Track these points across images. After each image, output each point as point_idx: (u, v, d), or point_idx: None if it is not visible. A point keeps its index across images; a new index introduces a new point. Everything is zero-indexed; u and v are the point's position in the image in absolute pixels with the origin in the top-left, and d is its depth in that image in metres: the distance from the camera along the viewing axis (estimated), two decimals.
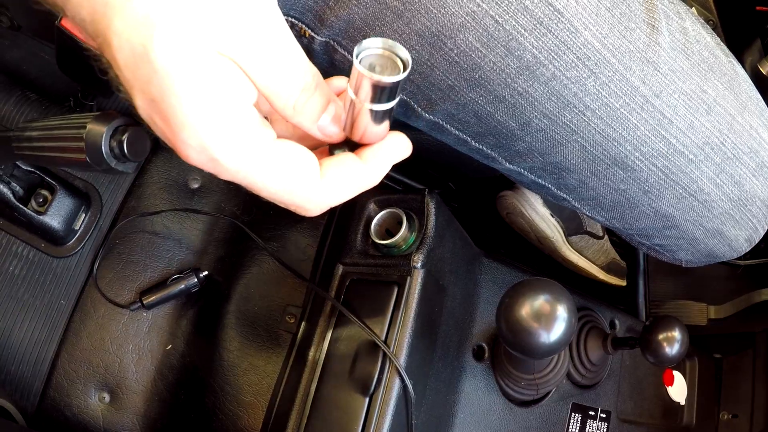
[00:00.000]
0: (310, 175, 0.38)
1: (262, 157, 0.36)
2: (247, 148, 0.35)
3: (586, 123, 0.53)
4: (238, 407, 0.76)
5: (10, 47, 0.86)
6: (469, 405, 0.68)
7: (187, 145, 0.35)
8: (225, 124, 0.34)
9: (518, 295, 0.53)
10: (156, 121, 0.35)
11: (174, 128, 0.34)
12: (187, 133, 0.34)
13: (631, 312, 1.11)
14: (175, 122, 0.34)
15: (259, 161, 0.36)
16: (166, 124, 0.34)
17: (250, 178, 0.36)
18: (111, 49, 0.33)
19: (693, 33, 0.56)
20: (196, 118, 0.34)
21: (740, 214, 0.63)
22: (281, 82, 0.36)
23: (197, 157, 0.35)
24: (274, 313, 0.79)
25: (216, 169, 0.36)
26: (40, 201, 0.74)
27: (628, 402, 0.86)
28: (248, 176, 0.36)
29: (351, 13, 0.48)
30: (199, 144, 0.34)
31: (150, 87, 0.33)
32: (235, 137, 0.35)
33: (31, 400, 0.75)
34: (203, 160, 0.35)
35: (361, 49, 0.35)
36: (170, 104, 0.33)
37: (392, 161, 0.41)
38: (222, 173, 0.36)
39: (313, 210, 0.39)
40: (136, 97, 0.35)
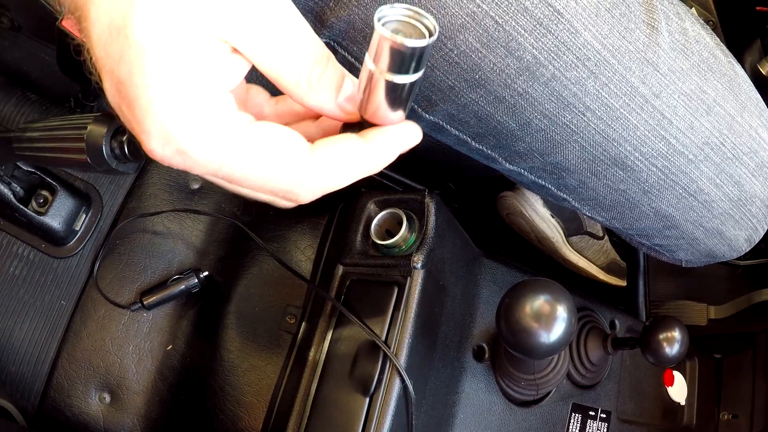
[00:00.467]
0: (296, 154, 0.33)
1: (237, 142, 0.31)
2: (220, 135, 0.31)
3: (585, 123, 0.53)
4: (238, 408, 0.76)
5: (10, 48, 0.86)
6: (469, 405, 0.69)
7: (150, 135, 0.31)
8: (193, 111, 0.30)
9: (518, 296, 0.53)
10: (122, 108, 0.31)
11: (137, 114, 0.30)
12: (150, 120, 0.30)
13: (631, 312, 1.11)
14: (138, 107, 0.30)
15: (235, 147, 0.31)
16: (130, 110, 0.31)
17: (227, 168, 0.32)
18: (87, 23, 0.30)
19: (693, 33, 0.56)
20: (160, 103, 0.30)
21: (740, 214, 0.63)
22: (290, 57, 0.32)
23: (162, 150, 0.31)
24: (275, 314, 0.79)
25: (186, 163, 0.32)
26: (41, 201, 0.74)
27: (628, 402, 0.86)
28: (224, 166, 0.32)
29: (351, 14, 0.48)
30: (163, 134, 0.30)
31: (120, 65, 0.30)
32: (205, 125, 0.31)
33: (32, 401, 0.75)
34: (169, 153, 0.31)
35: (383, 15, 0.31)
36: (136, 85, 0.29)
37: (400, 148, 0.37)
38: (194, 167, 0.32)
39: (304, 194, 0.34)
40: (105, 79, 0.31)
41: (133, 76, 0.29)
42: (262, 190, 0.34)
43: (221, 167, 0.32)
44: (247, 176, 0.32)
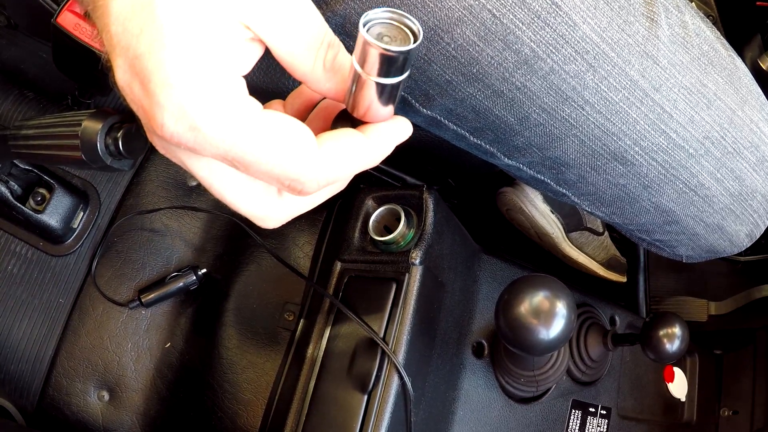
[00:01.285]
0: (305, 145, 0.33)
1: (251, 124, 0.31)
2: (235, 115, 0.31)
3: (584, 117, 0.53)
4: (237, 405, 0.76)
5: (7, 46, 0.86)
6: (468, 402, 0.68)
7: (164, 108, 0.30)
8: (211, 88, 0.30)
9: (517, 292, 0.53)
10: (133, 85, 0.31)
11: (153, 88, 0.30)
12: (168, 93, 0.30)
13: (632, 308, 1.11)
14: (156, 80, 0.30)
15: (249, 129, 0.31)
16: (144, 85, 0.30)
17: (237, 149, 0.31)
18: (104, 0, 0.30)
19: (692, 26, 0.56)
20: (179, 78, 0.30)
21: (741, 209, 0.63)
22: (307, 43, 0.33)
23: (174, 125, 0.31)
24: (273, 311, 0.79)
25: (196, 140, 0.31)
26: (38, 200, 0.74)
27: (628, 399, 0.86)
28: (235, 147, 0.31)
29: (348, 8, 0.48)
30: (179, 107, 0.30)
31: (139, 39, 0.30)
32: (221, 103, 0.31)
33: (31, 399, 0.75)
34: (181, 128, 0.31)
35: (368, 19, 0.32)
36: (155, 59, 0.30)
37: (396, 140, 0.37)
38: (203, 145, 0.31)
39: (310, 185, 0.34)
40: (119, 55, 0.31)
41: (153, 50, 0.30)
42: (270, 175, 0.33)
43: (232, 147, 0.31)
44: (258, 160, 0.32)
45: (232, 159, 0.32)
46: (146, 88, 0.30)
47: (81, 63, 0.64)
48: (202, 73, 0.30)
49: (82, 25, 0.61)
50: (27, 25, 0.80)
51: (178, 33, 0.29)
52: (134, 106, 0.32)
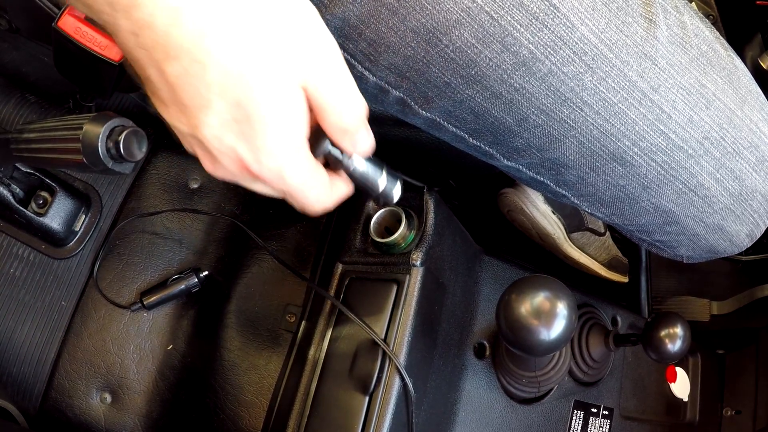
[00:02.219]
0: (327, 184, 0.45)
1: (313, 173, 0.43)
2: (307, 165, 0.42)
3: (583, 118, 0.53)
4: (239, 407, 0.76)
5: (8, 50, 0.86)
6: (470, 403, 0.68)
7: (266, 167, 0.40)
8: (298, 149, 0.41)
9: (518, 293, 0.53)
10: (231, 140, 0.39)
11: (257, 150, 0.39)
12: (269, 156, 0.40)
13: (633, 308, 1.11)
14: (258, 144, 0.39)
15: (312, 177, 0.43)
16: (249, 144, 0.39)
17: (303, 191, 0.43)
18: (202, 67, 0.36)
19: (691, 27, 0.56)
20: (278, 145, 0.39)
21: (741, 209, 0.63)
22: (349, 111, 0.42)
23: (268, 174, 0.41)
24: (275, 313, 0.79)
25: (278, 181, 0.42)
26: (40, 203, 0.74)
27: (630, 399, 0.86)
28: (303, 188, 0.43)
29: (346, 10, 0.48)
30: (278, 165, 0.40)
31: (238, 110, 0.37)
32: (302, 158, 0.41)
33: (33, 402, 0.75)
34: (272, 177, 0.41)
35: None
36: (257, 130, 0.38)
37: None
38: (278, 185, 0.42)
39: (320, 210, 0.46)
40: (212, 115, 0.38)
41: (253, 122, 0.38)
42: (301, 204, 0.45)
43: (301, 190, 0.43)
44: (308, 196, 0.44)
45: (285, 192, 0.43)
46: (250, 144, 0.39)
47: (82, 66, 0.64)
48: (291, 142, 0.40)
49: (83, 28, 0.61)
50: (28, 29, 0.80)
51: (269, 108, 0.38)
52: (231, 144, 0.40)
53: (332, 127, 0.42)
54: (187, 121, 0.39)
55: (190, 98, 0.38)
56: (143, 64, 0.38)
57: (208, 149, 0.41)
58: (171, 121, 0.41)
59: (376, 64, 0.51)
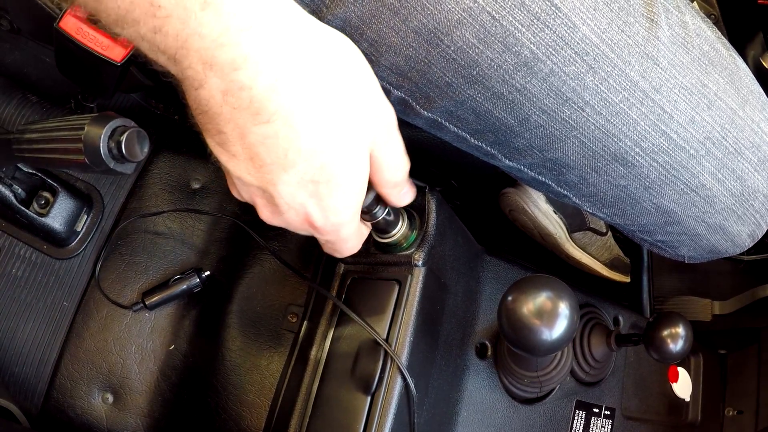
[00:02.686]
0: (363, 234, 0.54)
1: (359, 226, 0.51)
2: (358, 220, 0.49)
3: (585, 119, 0.53)
4: (240, 407, 0.76)
5: (10, 50, 0.86)
6: (472, 403, 0.68)
7: (330, 222, 0.45)
8: (358, 207, 0.46)
9: (520, 292, 0.53)
10: (304, 198, 0.43)
11: (326, 208, 0.44)
12: (335, 214, 0.45)
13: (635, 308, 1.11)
14: (329, 204, 0.44)
15: (358, 229, 0.51)
16: (320, 203, 0.44)
17: (348, 241, 0.51)
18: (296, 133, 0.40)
19: (693, 27, 0.55)
20: (346, 205, 0.44)
21: (743, 210, 0.63)
22: (401, 168, 0.48)
23: (327, 228, 0.46)
24: (277, 313, 0.79)
25: (332, 233, 0.47)
26: (42, 203, 0.74)
27: (632, 399, 0.86)
28: (350, 239, 0.50)
29: (347, 11, 0.48)
30: (339, 221, 0.46)
31: (320, 173, 0.42)
32: (357, 215, 0.48)
33: (35, 402, 0.75)
34: (330, 229, 0.46)
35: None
36: (333, 191, 0.43)
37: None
38: (329, 235, 0.48)
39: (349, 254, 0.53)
40: (293, 175, 0.42)
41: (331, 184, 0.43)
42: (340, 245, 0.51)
43: (346, 240, 0.50)
44: (351, 245, 0.52)
45: (332, 243, 0.51)
46: (321, 203, 0.44)
47: (83, 67, 0.64)
48: (357, 201, 0.46)
49: (84, 29, 0.61)
50: (29, 30, 0.80)
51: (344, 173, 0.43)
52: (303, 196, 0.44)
53: (386, 182, 0.47)
54: (261, 177, 0.42)
55: (273, 158, 0.41)
56: (222, 121, 0.40)
57: (275, 202, 0.44)
58: (236, 172, 0.43)
59: (377, 64, 0.51)
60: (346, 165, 0.42)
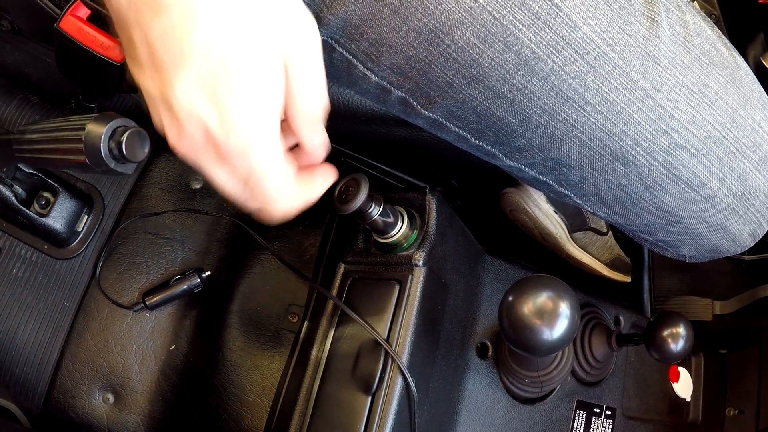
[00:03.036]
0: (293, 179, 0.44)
1: (280, 159, 0.42)
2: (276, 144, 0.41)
3: (586, 118, 0.53)
4: (241, 407, 0.76)
5: (11, 51, 0.86)
6: (472, 403, 0.68)
7: (233, 136, 0.39)
8: (268, 122, 0.40)
9: (520, 292, 0.53)
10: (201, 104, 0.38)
11: (225, 116, 0.38)
12: (237, 124, 0.39)
13: (636, 308, 1.11)
14: (229, 109, 0.38)
15: (279, 162, 0.42)
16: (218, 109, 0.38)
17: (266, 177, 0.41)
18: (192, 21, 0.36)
19: (694, 26, 0.55)
20: (249, 114, 0.38)
21: (743, 209, 0.63)
22: (316, 97, 0.42)
23: (234, 145, 0.39)
24: (277, 313, 0.79)
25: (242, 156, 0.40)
26: (43, 203, 0.74)
27: (633, 399, 0.86)
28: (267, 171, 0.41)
29: (348, 11, 0.48)
30: (245, 137, 0.39)
31: (216, 71, 0.37)
32: (272, 134, 0.40)
33: (36, 402, 0.75)
34: (238, 149, 0.40)
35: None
36: (231, 94, 0.38)
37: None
38: (241, 162, 0.40)
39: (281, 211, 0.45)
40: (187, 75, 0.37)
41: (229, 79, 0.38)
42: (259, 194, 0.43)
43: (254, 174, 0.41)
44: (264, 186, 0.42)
45: (247, 177, 0.41)
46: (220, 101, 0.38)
47: (84, 67, 0.64)
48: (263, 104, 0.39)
49: (85, 29, 0.61)
50: (30, 30, 0.80)
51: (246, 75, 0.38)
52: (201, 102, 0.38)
53: (297, 112, 0.42)
54: (160, 80, 0.39)
55: (169, 54, 0.37)
56: (129, 24, 0.38)
57: (175, 115, 0.39)
58: (144, 84, 0.40)
59: (378, 64, 0.51)
60: (249, 62, 0.38)
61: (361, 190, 0.55)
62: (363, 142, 0.90)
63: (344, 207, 0.56)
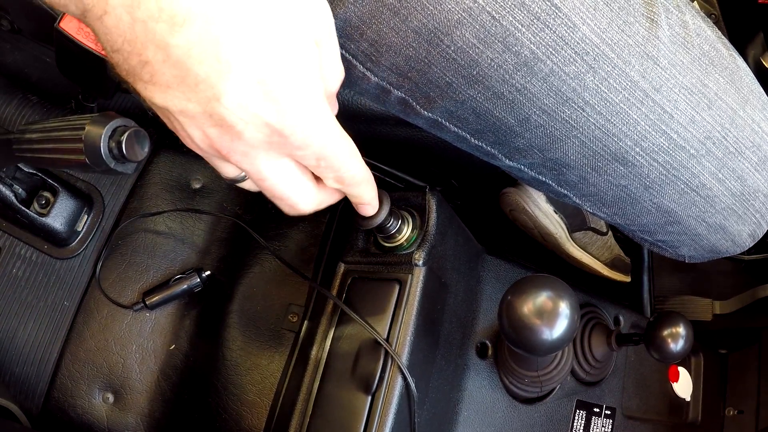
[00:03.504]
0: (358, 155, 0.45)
1: (343, 134, 0.43)
2: (332, 119, 0.42)
3: (585, 118, 0.53)
4: (241, 407, 0.76)
5: (11, 50, 0.86)
6: (472, 403, 0.68)
7: (299, 128, 0.39)
8: (323, 103, 0.40)
9: (520, 292, 0.53)
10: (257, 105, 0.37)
11: (286, 112, 0.38)
12: (299, 115, 0.38)
13: (636, 308, 1.11)
14: (288, 105, 0.38)
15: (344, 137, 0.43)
16: (277, 106, 0.37)
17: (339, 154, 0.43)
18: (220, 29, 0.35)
19: (693, 26, 0.55)
20: (307, 101, 0.39)
21: (743, 209, 0.63)
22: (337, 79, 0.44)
23: (300, 135, 0.39)
24: (277, 312, 0.79)
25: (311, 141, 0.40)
26: (43, 203, 0.74)
27: (633, 398, 0.86)
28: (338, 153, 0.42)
29: (347, 11, 0.48)
30: (309, 122, 0.39)
31: (263, 69, 0.36)
32: (327, 112, 0.41)
33: (36, 401, 0.75)
34: (301, 138, 0.40)
35: None
36: (287, 87, 0.37)
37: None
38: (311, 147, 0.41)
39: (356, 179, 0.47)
40: (235, 81, 0.36)
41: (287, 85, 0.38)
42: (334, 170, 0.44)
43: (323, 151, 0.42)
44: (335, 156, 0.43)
45: (319, 157, 0.42)
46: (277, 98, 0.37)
47: (84, 67, 0.65)
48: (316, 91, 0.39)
49: (85, 29, 0.61)
50: (30, 30, 0.80)
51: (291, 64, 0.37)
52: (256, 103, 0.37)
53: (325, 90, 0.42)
54: (203, 97, 0.36)
55: (205, 68, 0.35)
56: (138, 45, 0.35)
57: (228, 123, 0.37)
58: (177, 106, 0.37)
59: (377, 64, 0.51)
60: (289, 51, 0.36)
61: (383, 207, 0.56)
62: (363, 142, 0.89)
63: (366, 222, 0.58)
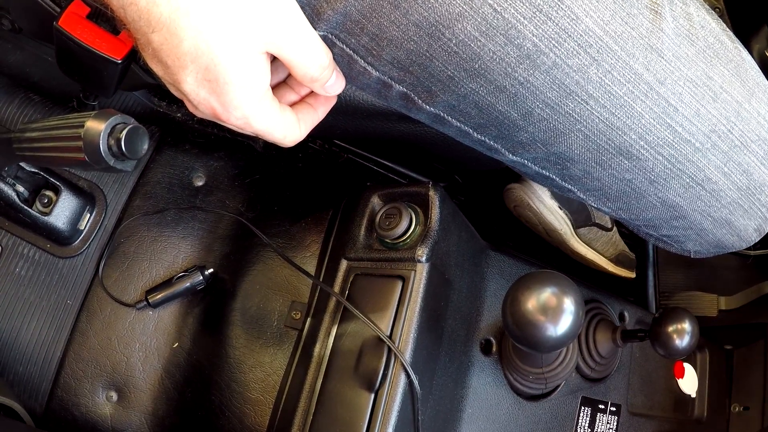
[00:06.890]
0: (294, 122, 0.54)
1: (278, 117, 0.51)
2: (269, 113, 0.50)
3: (589, 112, 0.52)
4: (244, 404, 0.76)
5: (12, 50, 0.86)
6: (476, 400, 0.68)
7: (233, 116, 0.49)
8: (259, 102, 0.49)
9: (524, 288, 0.53)
10: (205, 94, 0.48)
11: (224, 104, 0.48)
12: (234, 109, 0.48)
13: (641, 304, 1.10)
14: (225, 100, 0.48)
15: (276, 120, 0.51)
16: (218, 99, 0.48)
17: (270, 132, 0.52)
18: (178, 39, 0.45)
19: (698, 19, 0.55)
20: (241, 101, 0.48)
21: (749, 204, 0.62)
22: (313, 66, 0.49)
23: (236, 121, 0.50)
24: (280, 310, 0.79)
25: (246, 126, 0.51)
26: (45, 202, 0.74)
27: (638, 395, 0.86)
28: (268, 131, 0.52)
29: (348, 5, 0.48)
30: (243, 115, 0.49)
31: (207, 73, 0.46)
32: (264, 109, 0.50)
33: (39, 400, 0.75)
34: (240, 123, 0.50)
35: None
36: (224, 89, 0.47)
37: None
38: (247, 129, 0.51)
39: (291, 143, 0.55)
40: (188, 75, 0.47)
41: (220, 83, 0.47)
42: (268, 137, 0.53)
43: (267, 131, 0.52)
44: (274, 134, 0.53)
45: (261, 133, 0.52)
46: (219, 100, 0.48)
47: (84, 65, 0.64)
48: (253, 95, 0.48)
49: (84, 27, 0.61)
50: (31, 29, 0.80)
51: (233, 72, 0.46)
52: (201, 101, 0.49)
53: (302, 78, 0.50)
54: (170, 77, 0.48)
55: (171, 61, 0.46)
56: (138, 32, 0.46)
57: (188, 99, 0.50)
58: (158, 74, 0.49)
59: (378, 58, 0.51)
60: (231, 67, 0.46)
61: (403, 219, 0.63)
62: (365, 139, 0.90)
63: (387, 233, 0.64)
